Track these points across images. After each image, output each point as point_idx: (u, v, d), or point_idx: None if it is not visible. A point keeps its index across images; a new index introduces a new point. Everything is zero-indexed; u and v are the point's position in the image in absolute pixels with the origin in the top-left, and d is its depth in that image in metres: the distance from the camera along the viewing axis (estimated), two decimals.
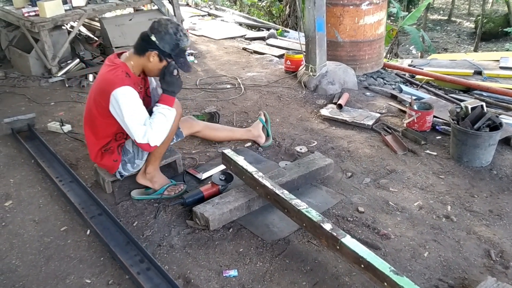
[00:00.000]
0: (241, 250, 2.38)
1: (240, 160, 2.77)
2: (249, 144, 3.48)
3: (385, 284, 1.82)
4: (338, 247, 2.03)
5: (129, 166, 2.76)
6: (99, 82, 2.58)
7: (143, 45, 2.49)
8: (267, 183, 2.49)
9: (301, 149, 3.40)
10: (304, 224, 2.23)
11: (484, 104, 3.34)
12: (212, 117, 3.77)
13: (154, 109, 2.56)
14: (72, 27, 5.59)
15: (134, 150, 2.71)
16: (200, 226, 2.53)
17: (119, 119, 2.50)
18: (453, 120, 3.26)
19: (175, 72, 2.56)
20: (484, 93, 4.98)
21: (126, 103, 2.44)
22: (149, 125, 2.48)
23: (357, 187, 2.94)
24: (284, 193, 2.38)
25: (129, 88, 2.45)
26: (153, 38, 2.45)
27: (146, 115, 2.52)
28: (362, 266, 1.93)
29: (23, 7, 5.05)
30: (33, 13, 4.95)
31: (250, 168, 2.67)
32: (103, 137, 2.70)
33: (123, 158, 2.73)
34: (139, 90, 2.61)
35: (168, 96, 2.58)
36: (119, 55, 2.61)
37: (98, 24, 6.03)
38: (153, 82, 2.86)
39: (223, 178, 2.80)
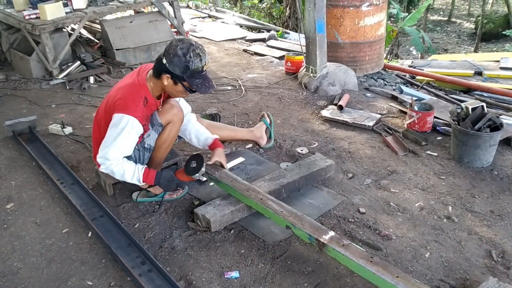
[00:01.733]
0: (242, 251, 2.38)
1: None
2: (250, 145, 3.48)
3: None
4: None
5: None
6: (117, 95, 2.55)
7: (158, 68, 2.47)
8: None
9: (302, 150, 3.40)
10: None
11: (484, 104, 3.34)
12: (213, 119, 3.77)
13: (138, 165, 2.59)
14: (73, 29, 5.61)
15: (136, 155, 2.71)
16: (201, 228, 2.54)
17: (108, 130, 2.51)
18: (453, 120, 3.26)
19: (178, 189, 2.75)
20: (485, 94, 4.99)
21: (123, 130, 2.45)
22: (119, 161, 2.52)
23: (358, 188, 2.94)
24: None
25: (135, 122, 2.46)
26: (164, 61, 2.41)
27: (129, 153, 2.56)
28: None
29: (24, 10, 5.07)
30: (34, 16, 4.96)
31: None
32: None
33: None
34: (152, 113, 2.61)
35: (154, 180, 2.60)
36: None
37: (98, 26, 6.04)
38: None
39: (194, 166, 2.69)
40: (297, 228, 2.22)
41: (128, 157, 2.70)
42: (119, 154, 2.51)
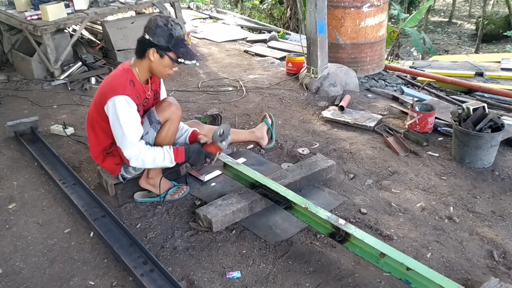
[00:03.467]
0: (244, 251, 2.39)
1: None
2: (251, 146, 3.49)
3: None
4: None
5: (131, 169, 2.77)
6: (103, 86, 2.60)
7: (141, 47, 2.50)
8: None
9: (303, 151, 3.41)
10: None
11: (485, 105, 3.35)
12: (214, 120, 3.78)
13: (165, 147, 2.57)
14: (74, 30, 5.62)
15: None
16: (203, 228, 2.54)
17: (112, 125, 2.51)
18: (455, 121, 3.27)
19: (207, 161, 2.65)
20: (486, 95, 4.99)
21: (121, 112, 2.44)
22: (145, 149, 2.50)
23: (360, 189, 2.95)
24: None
25: (127, 98, 2.46)
26: (147, 36, 2.45)
27: (140, 130, 2.53)
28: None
29: (26, 11, 5.07)
30: (36, 17, 4.96)
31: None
32: (104, 140, 2.70)
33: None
34: (142, 100, 2.61)
35: (184, 156, 2.59)
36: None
37: (100, 27, 6.05)
38: (163, 92, 2.88)
39: (221, 133, 2.63)
40: None
41: None
42: (135, 136, 2.49)
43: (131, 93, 2.48)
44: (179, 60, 2.50)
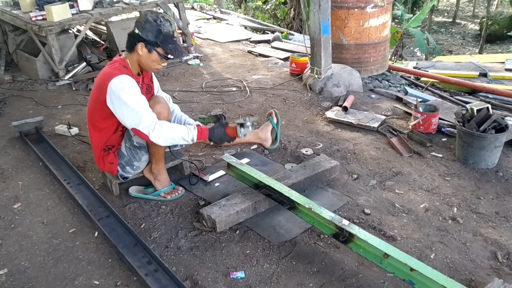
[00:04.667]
0: (247, 252, 2.39)
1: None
2: (255, 146, 3.49)
3: None
4: None
5: (128, 168, 2.78)
6: (98, 80, 2.60)
7: (130, 41, 2.53)
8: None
9: (306, 151, 3.41)
10: None
11: (489, 106, 3.34)
12: (218, 120, 3.75)
13: (188, 126, 2.57)
14: (79, 31, 5.65)
15: (129, 154, 2.72)
16: (207, 228, 2.55)
17: (117, 107, 2.46)
18: (458, 122, 3.26)
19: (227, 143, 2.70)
20: (490, 95, 4.98)
21: (125, 89, 2.43)
22: (162, 122, 2.48)
23: (363, 189, 2.95)
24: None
25: (126, 77, 2.47)
26: (136, 30, 2.48)
27: (147, 104, 2.51)
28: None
29: (31, 11, 5.10)
30: (41, 17, 4.99)
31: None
32: (99, 139, 2.72)
33: (120, 161, 2.75)
34: (137, 82, 2.61)
35: (207, 134, 2.60)
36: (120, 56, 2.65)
37: (104, 28, 6.08)
38: (156, 86, 2.89)
39: (243, 122, 2.71)
40: None
41: (122, 156, 2.73)
42: (146, 108, 2.46)
43: (127, 73, 2.51)
44: (168, 56, 2.53)
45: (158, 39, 2.47)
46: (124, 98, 2.43)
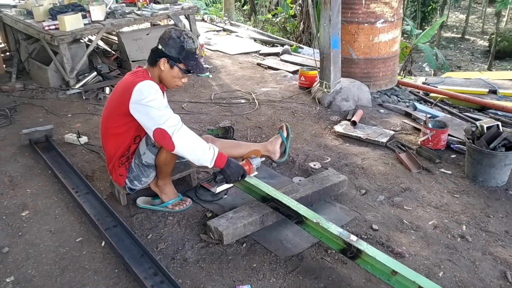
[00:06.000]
0: (254, 265, 2.38)
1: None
2: (263, 159, 3.48)
3: None
4: None
5: (136, 183, 2.79)
6: (120, 86, 2.61)
7: (153, 56, 2.57)
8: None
9: (315, 165, 3.40)
10: None
11: (499, 123, 3.33)
12: (226, 132, 3.79)
13: (210, 144, 2.54)
14: (90, 40, 5.70)
15: (138, 170, 2.73)
16: (213, 240, 2.54)
17: (142, 109, 2.44)
18: (468, 139, 3.25)
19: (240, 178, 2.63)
20: (499, 112, 4.95)
21: (151, 93, 2.45)
22: (188, 130, 2.48)
23: (371, 205, 2.93)
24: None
25: (152, 82, 2.51)
26: (160, 46, 2.53)
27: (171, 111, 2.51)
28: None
29: (44, 21, 5.16)
30: (53, 27, 5.06)
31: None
32: (114, 150, 2.72)
33: (129, 175, 2.76)
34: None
35: (225, 164, 2.55)
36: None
37: (115, 38, 6.14)
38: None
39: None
40: None
41: (131, 171, 2.73)
42: (169, 110, 2.48)
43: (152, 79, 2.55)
44: (188, 71, 2.57)
45: (181, 55, 2.52)
46: (152, 99, 2.44)
